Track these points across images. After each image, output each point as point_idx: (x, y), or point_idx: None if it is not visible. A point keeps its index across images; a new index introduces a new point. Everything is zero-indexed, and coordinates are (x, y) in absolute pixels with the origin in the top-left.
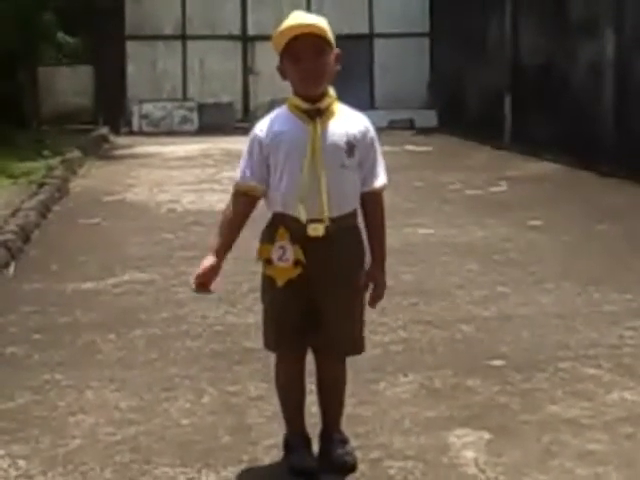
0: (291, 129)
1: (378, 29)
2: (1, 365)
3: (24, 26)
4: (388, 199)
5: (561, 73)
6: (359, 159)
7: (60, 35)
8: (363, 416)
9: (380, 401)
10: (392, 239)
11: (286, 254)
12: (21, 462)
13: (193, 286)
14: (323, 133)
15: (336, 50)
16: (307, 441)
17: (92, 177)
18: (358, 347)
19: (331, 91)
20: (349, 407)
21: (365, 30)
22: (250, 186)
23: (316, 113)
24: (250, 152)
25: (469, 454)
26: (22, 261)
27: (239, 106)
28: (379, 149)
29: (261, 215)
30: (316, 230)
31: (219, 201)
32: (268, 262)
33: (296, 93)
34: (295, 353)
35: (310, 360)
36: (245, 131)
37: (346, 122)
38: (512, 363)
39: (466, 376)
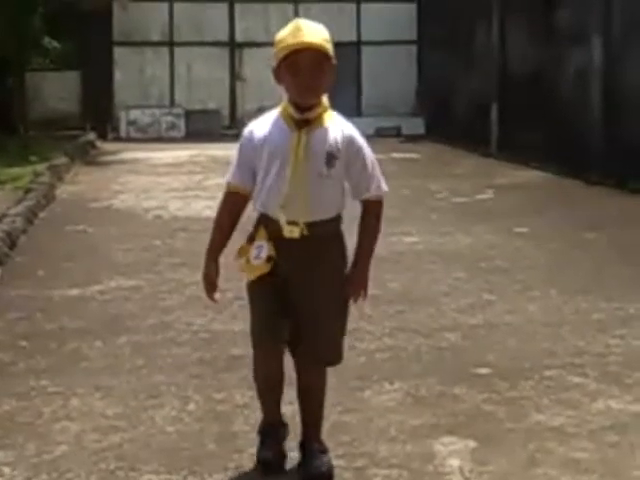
0: (277, 134)
1: (366, 36)
2: None
3: (13, 31)
4: None
5: (548, 81)
6: (343, 169)
7: (47, 40)
8: (348, 424)
9: (365, 409)
10: (378, 247)
11: (262, 252)
12: (6, 469)
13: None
14: (306, 142)
15: (333, 61)
16: (281, 432)
17: (79, 183)
18: (336, 356)
19: (324, 101)
20: (334, 415)
21: (353, 37)
22: (237, 185)
23: (304, 122)
24: (239, 152)
25: (454, 462)
26: (8, 267)
27: (226, 113)
28: (370, 159)
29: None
30: (292, 232)
31: (206, 208)
32: (246, 260)
33: (290, 100)
34: (272, 346)
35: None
36: (232, 138)
37: (331, 133)
38: (498, 371)
39: (452, 384)
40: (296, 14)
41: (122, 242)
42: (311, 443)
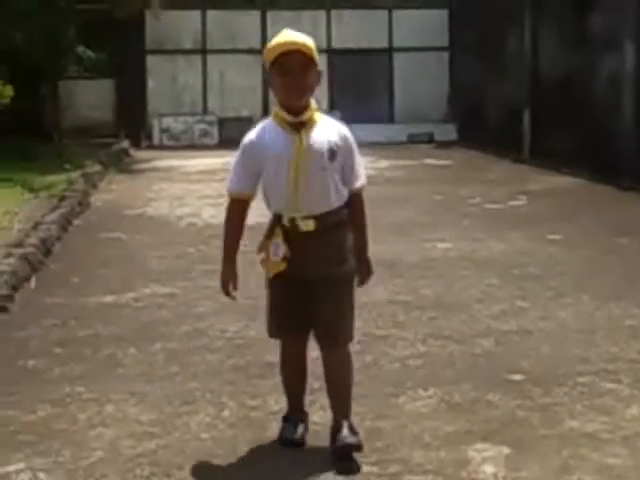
0: (278, 140)
1: (397, 43)
2: (22, 378)
3: (47, 41)
4: (407, 213)
5: (581, 86)
6: (341, 163)
7: (81, 49)
8: (383, 430)
9: (400, 415)
10: (411, 254)
11: (279, 250)
12: (42, 475)
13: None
14: (307, 142)
15: (319, 68)
16: (302, 418)
17: (113, 191)
18: (349, 335)
19: (313, 103)
20: (368, 421)
21: (385, 44)
22: (240, 192)
23: (299, 125)
24: (239, 161)
25: (488, 469)
26: (43, 275)
27: (259, 120)
28: (357, 153)
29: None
30: (307, 225)
31: None
32: (266, 257)
33: (281, 105)
34: (293, 337)
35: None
36: None
37: (327, 131)
38: (531, 377)
39: (485, 390)
40: (328, 21)
41: (156, 249)
42: (341, 424)
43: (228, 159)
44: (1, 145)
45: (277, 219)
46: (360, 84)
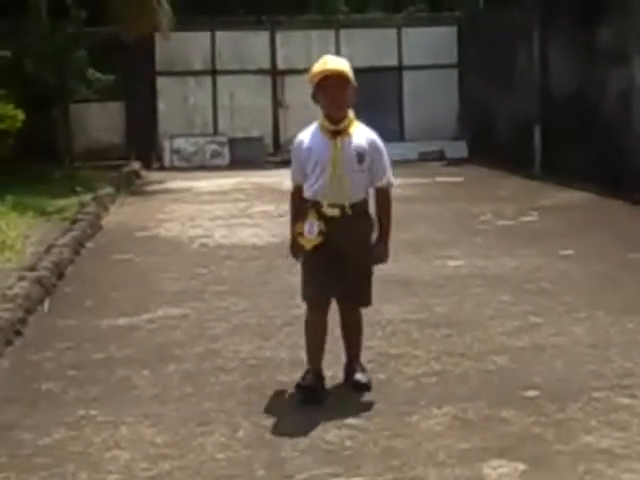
0: (319, 143)
1: (407, 61)
2: (37, 401)
3: (57, 64)
4: (420, 231)
5: (591, 102)
6: (369, 165)
7: (91, 72)
8: (397, 449)
9: (414, 433)
10: (424, 271)
11: (313, 228)
12: None
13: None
14: (341, 148)
15: (354, 84)
16: (319, 375)
17: (124, 213)
18: (368, 299)
19: (350, 114)
20: (383, 440)
21: (394, 62)
22: (299, 182)
23: (337, 133)
24: (294, 157)
25: None
26: (56, 297)
27: (270, 140)
28: (385, 157)
29: None
30: (333, 212)
31: (251, 235)
32: (300, 234)
33: (325, 115)
34: (322, 300)
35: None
36: (276, 165)
37: (359, 138)
38: (546, 393)
39: (500, 407)
40: (337, 40)
41: (168, 271)
42: (353, 364)
43: (240, 179)
44: (13, 169)
45: (312, 204)
46: (370, 103)
